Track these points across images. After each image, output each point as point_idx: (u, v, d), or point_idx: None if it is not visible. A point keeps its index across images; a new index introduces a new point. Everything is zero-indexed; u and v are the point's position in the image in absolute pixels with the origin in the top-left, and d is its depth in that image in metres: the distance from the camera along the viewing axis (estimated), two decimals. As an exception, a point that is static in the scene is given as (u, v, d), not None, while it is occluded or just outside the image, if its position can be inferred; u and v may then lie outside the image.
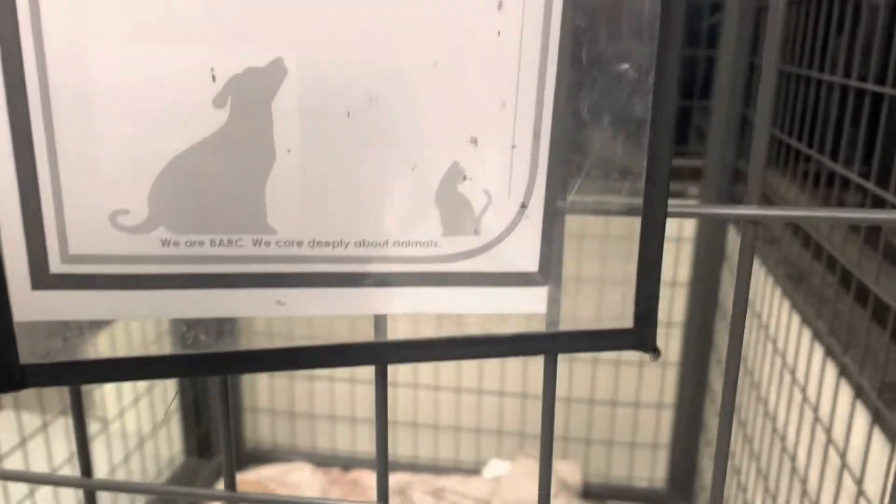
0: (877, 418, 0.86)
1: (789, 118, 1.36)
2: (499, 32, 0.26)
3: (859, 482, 0.86)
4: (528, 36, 0.27)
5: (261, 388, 1.87)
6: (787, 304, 1.20)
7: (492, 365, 1.74)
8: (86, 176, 0.27)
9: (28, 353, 0.29)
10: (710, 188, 1.52)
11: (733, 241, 1.55)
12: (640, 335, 0.31)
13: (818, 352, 1.06)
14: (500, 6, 0.26)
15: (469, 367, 1.75)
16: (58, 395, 1.29)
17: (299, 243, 0.28)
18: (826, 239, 1.13)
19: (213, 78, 0.26)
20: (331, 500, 0.37)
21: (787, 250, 1.26)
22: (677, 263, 1.59)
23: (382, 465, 0.37)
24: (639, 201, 0.29)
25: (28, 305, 0.28)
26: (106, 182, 0.27)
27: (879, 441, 0.85)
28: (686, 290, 1.62)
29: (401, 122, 0.27)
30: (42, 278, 0.28)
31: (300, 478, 1.76)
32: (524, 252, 0.29)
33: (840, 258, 1.07)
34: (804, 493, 1.09)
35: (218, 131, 0.27)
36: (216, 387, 0.34)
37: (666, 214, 0.29)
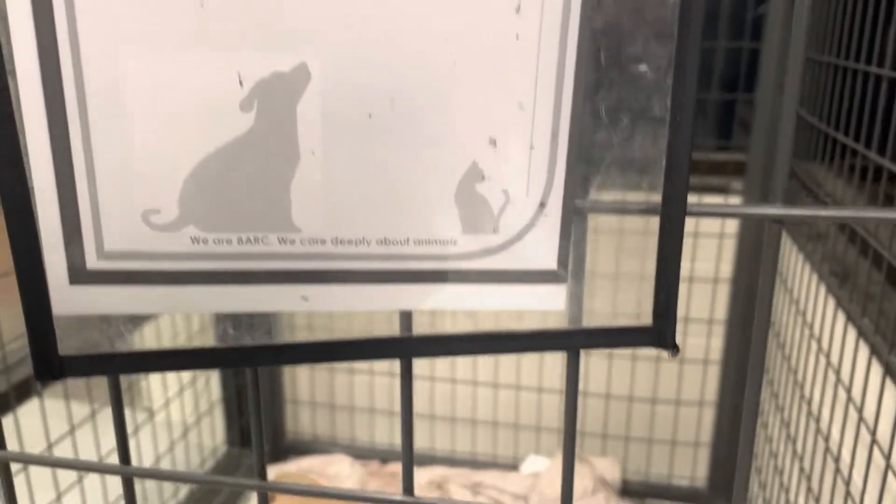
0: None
1: (836, 112, 1.33)
2: (517, 35, 0.27)
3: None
4: (545, 39, 0.27)
5: (301, 380, 1.90)
6: (832, 303, 1.18)
7: (530, 361, 1.74)
8: (120, 176, 0.28)
9: (66, 344, 0.30)
10: (753, 183, 1.49)
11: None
12: (659, 332, 0.31)
13: (863, 351, 1.04)
14: (518, 10, 0.27)
15: (507, 362, 1.75)
16: (105, 384, 1.33)
17: (322, 241, 0.29)
18: (872, 236, 1.10)
19: (241, 83, 0.27)
20: (352, 491, 0.38)
21: (833, 247, 1.24)
22: (720, 259, 1.57)
23: (408, 458, 0.38)
24: (657, 199, 0.29)
25: (66, 299, 0.29)
26: (139, 182, 0.28)
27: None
28: (728, 287, 1.60)
29: (421, 123, 0.28)
30: (79, 274, 0.29)
31: (339, 470, 1.78)
32: (543, 250, 0.30)
33: (886, 255, 1.05)
34: (847, 493, 1.07)
35: (245, 134, 0.28)
36: (250, 379, 0.35)
37: (685, 212, 0.30)
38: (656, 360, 1.66)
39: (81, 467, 0.39)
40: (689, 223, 0.30)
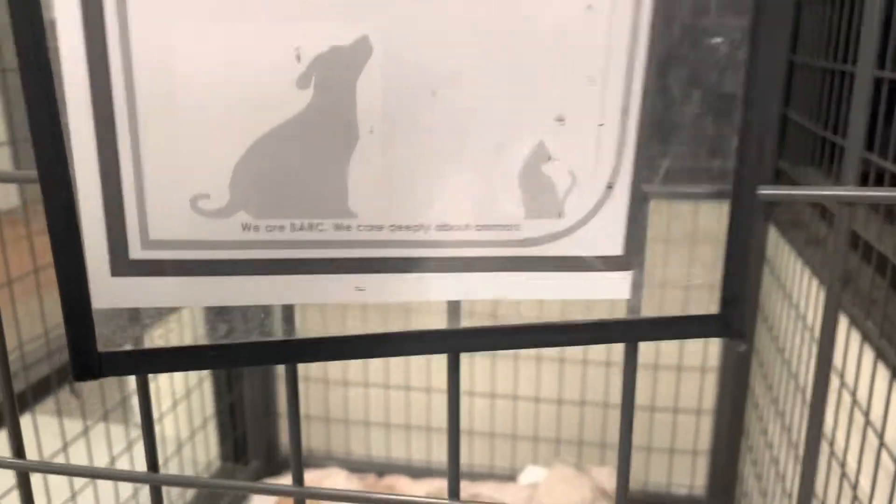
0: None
1: (833, 115, 1.33)
2: (589, 6, 0.26)
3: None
4: (618, 9, 0.26)
5: (296, 393, 1.87)
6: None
7: (527, 370, 1.72)
8: (168, 160, 0.26)
9: (105, 341, 0.28)
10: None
11: (773, 242, 1.52)
12: (726, 321, 0.30)
13: (868, 355, 1.03)
14: (590, -21, 0.25)
15: (504, 371, 1.74)
16: (99, 400, 1.29)
17: (380, 227, 0.28)
18: (877, 239, 1.10)
19: (298, 58, 0.25)
20: (400, 495, 0.36)
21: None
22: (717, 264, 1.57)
23: (454, 463, 0.36)
24: (728, 184, 0.28)
25: (107, 292, 0.27)
26: (188, 166, 0.26)
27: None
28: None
29: (487, 100, 0.26)
30: (122, 264, 0.27)
31: (335, 483, 1.75)
32: (609, 235, 0.28)
33: (892, 258, 1.05)
34: (855, 498, 1.06)
35: (301, 112, 0.26)
36: (287, 378, 0.34)
37: (756, 195, 0.28)
38: (654, 368, 1.65)
39: (107, 476, 0.37)
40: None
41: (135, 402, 1.44)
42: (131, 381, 1.36)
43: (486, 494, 1.70)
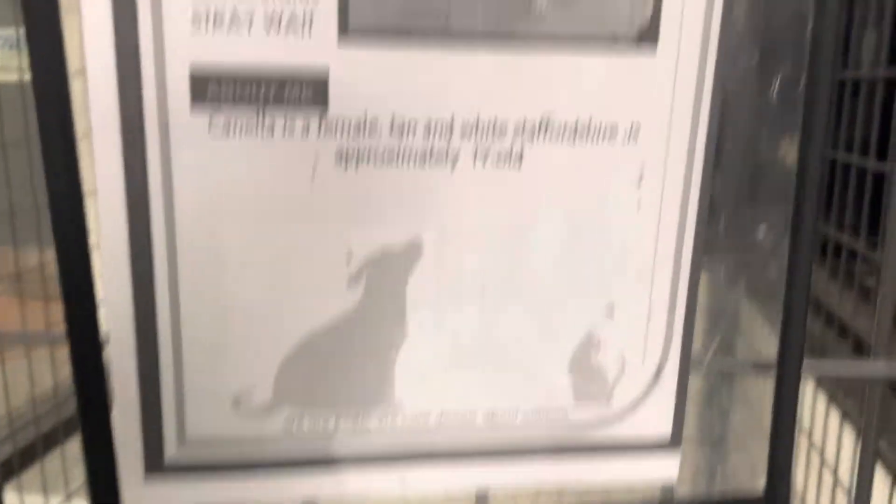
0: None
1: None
2: (638, 205, 0.26)
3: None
4: (666, 209, 0.26)
5: None
6: (811, 382, 1.19)
7: None
8: (211, 356, 0.25)
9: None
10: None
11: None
12: (774, 500, 0.29)
13: (849, 433, 1.03)
14: (640, 180, 0.26)
15: None
16: (62, 484, 1.23)
17: (426, 415, 0.27)
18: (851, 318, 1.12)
19: (349, 259, 0.25)
20: None
21: (810, 327, 1.25)
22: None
23: None
24: (772, 361, 0.28)
25: (140, 495, 0.26)
26: (232, 362, 0.26)
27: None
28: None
29: (538, 293, 0.26)
30: (156, 465, 0.26)
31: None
32: (658, 418, 0.28)
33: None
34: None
35: (351, 311, 0.25)
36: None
37: (799, 374, 0.28)
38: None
39: None
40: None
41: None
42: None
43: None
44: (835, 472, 1.08)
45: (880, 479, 0.99)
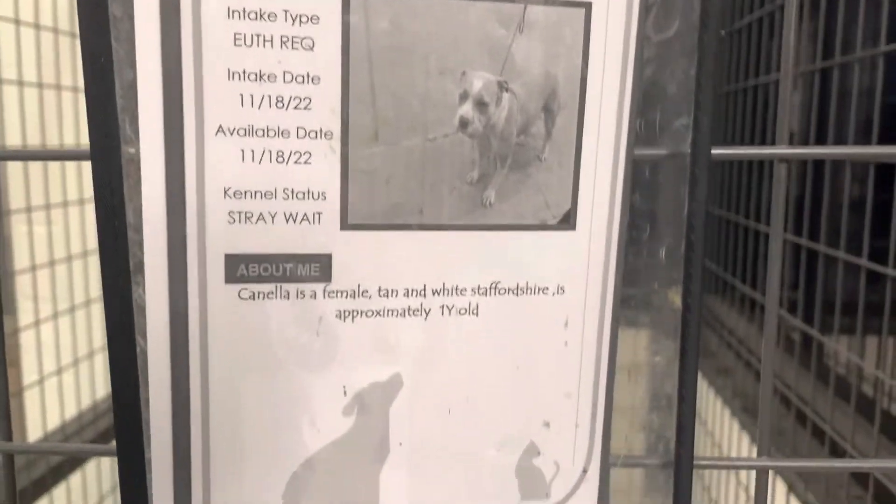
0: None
1: (730, 258, 1.48)
2: (566, 343, 0.34)
3: None
4: (587, 345, 0.34)
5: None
6: (746, 438, 1.29)
7: None
8: (231, 473, 0.32)
9: None
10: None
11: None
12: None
13: (781, 487, 1.13)
14: (566, 324, 0.34)
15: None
16: None
17: (405, 514, 0.34)
18: (778, 377, 1.23)
19: (345, 393, 0.32)
20: None
21: (742, 384, 1.36)
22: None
23: None
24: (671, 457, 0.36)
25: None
26: (248, 477, 0.32)
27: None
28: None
29: (489, 413, 0.34)
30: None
31: None
32: (585, 506, 0.36)
33: (791, 397, 1.17)
34: None
35: (346, 434, 0.33)
36: None
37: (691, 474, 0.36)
38: None
39: None
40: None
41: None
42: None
43: None
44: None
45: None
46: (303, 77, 0.29)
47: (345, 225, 0.31)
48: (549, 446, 0.35)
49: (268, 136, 0.30)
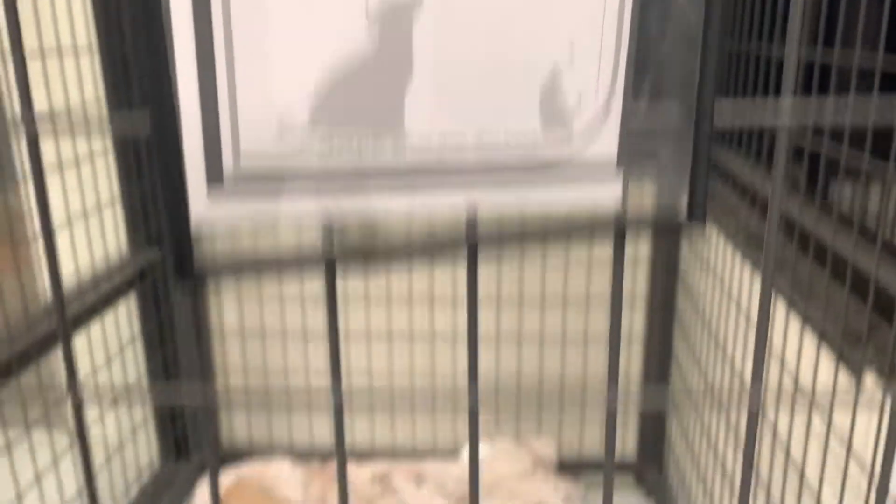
0: (840, 358, 0.96)
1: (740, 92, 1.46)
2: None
3: (829, 424, 0.95)
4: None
5: (235, 384, 1.89)
6: (748, 268, 1.31)
7: (462, 346, 1.80)
8: (257, 81, 0.32)
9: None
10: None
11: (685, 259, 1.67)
12: (694, 215, 0.38)
13: (780, 307, 1.15)
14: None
15: (442, 352, 1.81)
16: (20, 415, 1.25)
17: (428, 136, 0.34)
18: (783, 214, 1.23)
19: (367, 12, 0.32)
20: None
21: (747, 221, 1.36)
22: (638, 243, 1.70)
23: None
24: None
25: (204, 205, 0.33)
26: (275, 87, 0.33)
27: (844, 379, 0.94)
28: (647, 266, 1.72)
29: (516, 33, 0.34)
30: (216, 177, 0.33)
31: (279, 472, 1.78)
32: (606, 147, 0.36)
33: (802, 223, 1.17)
34: (788, 454, 1.17)
35: (370, 53, 0.33)
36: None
37: (713, 109, 0.37)
38: (584, 343, 1.77)
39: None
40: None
41: (65, 410, 1.40)
42: (58, 386, 1.32)
43: (430, 472, 1.76)
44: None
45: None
46: None
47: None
48: (572, 76, 0.35)
49: None
